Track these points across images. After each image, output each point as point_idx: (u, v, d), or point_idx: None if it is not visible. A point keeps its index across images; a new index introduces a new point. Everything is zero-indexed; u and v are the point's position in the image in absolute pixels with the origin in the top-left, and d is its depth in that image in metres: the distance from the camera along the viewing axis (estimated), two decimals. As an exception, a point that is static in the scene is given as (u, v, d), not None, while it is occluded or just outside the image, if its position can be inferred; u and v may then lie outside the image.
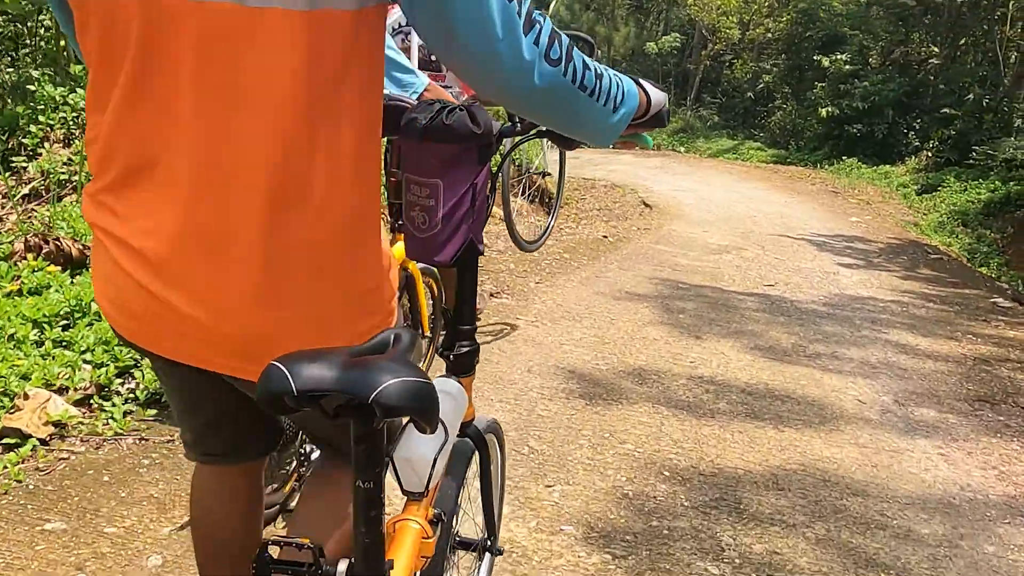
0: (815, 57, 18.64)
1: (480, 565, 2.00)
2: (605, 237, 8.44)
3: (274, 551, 1.09)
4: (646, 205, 11.44)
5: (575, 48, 1.20)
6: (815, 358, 4.90)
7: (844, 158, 17.07)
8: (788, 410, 4.04)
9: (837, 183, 15.32)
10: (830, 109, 17.25)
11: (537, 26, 1.12)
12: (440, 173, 1.45)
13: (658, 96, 1.47)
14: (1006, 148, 13.36)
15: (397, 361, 0.97)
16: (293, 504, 2.52)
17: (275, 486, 2.48)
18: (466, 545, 1.81)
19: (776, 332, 5.38)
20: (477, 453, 1.74)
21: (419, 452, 1.31)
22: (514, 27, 1.09)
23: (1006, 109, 15.46)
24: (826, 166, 17.02)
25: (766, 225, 10.56)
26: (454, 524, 1.64)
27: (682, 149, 18.49)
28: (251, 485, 1.53)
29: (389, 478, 1.13)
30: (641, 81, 1.46)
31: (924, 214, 13.87)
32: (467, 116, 1.42)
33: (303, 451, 2.55)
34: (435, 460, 1.31)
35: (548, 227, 4.82)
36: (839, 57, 17.84)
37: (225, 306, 1.13)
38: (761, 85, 20.39)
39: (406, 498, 1.37)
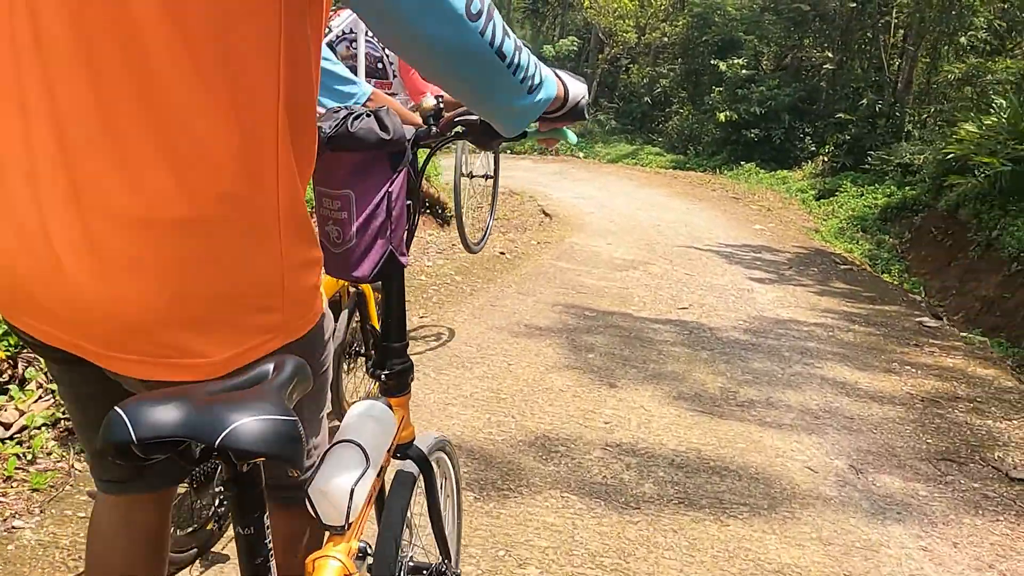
0: (711, 61, 18.19)
1: None
2: (503, 254, 7.51)
3: None
4: (546, 215, 10.59)
5: (495, 10, 1.07)
6: (749, 407, 4.06)
7: (742, 163, 16.65)
8: (729, 490, 3.16)
9: (737, 189, 14.85)
10: (728, 114, 16.79)
11: None
12: (350, 183, 1.38)
13: (577, 88, 1.34)
14: (902, 153, 13.07)
15: (261, 397, 0.87)
16: (213, 547, 2.28)
17: (193, 527, 2.21)
18: (419, 570, 1.64)
19: (700, 373, 4.54)
20: (422, 476, 1.59)
21: (335, 483, 1.23)
22: None
23: (898, 114, 15.29)
24: (725, 171, 16.57)
25: (671, 235, 9.85)
26: (399, 552, 1.49)
27: (581, 154, 17.74)
28: (158, 521, 1.35)
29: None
30: (559, 72, 1.32)
31: (824, 220, 13.49)
32: (375, 122, 1.35)
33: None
34: (353, 491, 1.22)
35: (488, 227, 4.28)
36: (736, 61, 17.43)
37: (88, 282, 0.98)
38: (659, 90, 19.87)
39: (328, 532, 1.26)
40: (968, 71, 12.30)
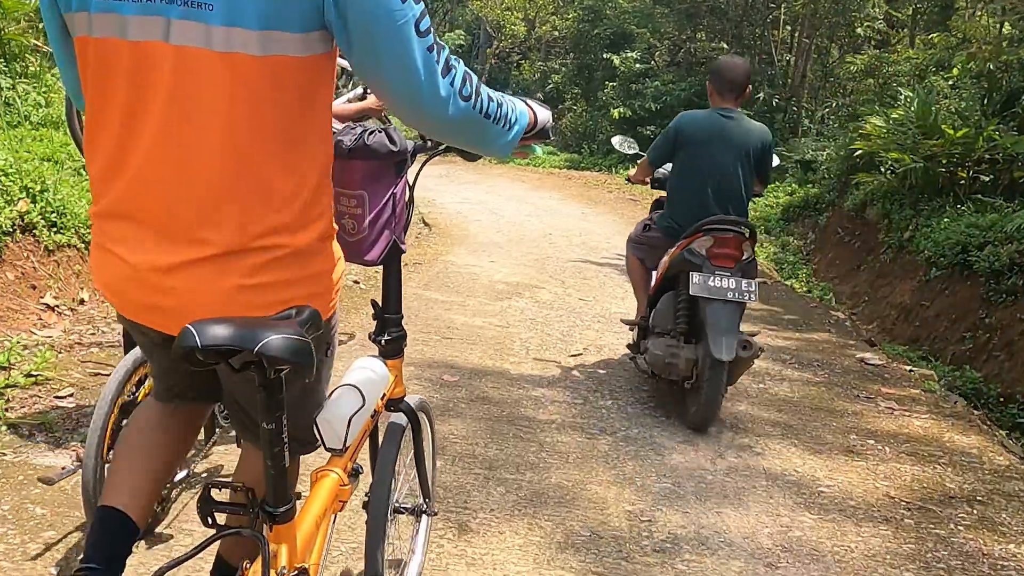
0: (604, 55, 16.83)
1: (418, 526, 2.13)
2: (356, 283, 5.84)
3: (215, 493, 1.26)
4: (426, 224, 8.97)
5: (482, 85, 1.39)
6: (672, 556, 2.54)
7: (638, 161, 15.36)
8: None
9: (635, 189, 13.50)
10: (622, 110, 15.44)
11: (453, 70, 1.31)
12: (364, 186, 1.66)
13: (543, 114, 1.60)
14: (804, 150, 11.95)
15: (287, 326, 1.13)
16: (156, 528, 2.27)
17: None
18: (404, 510, 1.94)
19: (599, 483, 3.00)
20: (410, 426, 1.85)
21: (337, 413, 1.50)
22: (433, 71, 1.28)
23: (795, 109, 14.24)
24: (622, 170, 15.22)
25: (564, 247, 8.36)
26: (392, 490, 1.75)
27: (471, 154, 16.14)
28: (185, 431, 1.64)
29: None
30: (529, 101, 1.58)
31: (725, 221, 12.28)
32: (385, 137, 1.66)
33: None
34: (351, 420, 1.49)
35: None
36: (629, 55, 16.10)
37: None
38: (551, 86, 18.42)
39: (329, 454, 1.54)
40: (870, 62, 11.23)
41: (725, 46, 15.22)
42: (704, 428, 3.48)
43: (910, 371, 5.04)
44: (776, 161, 4.08)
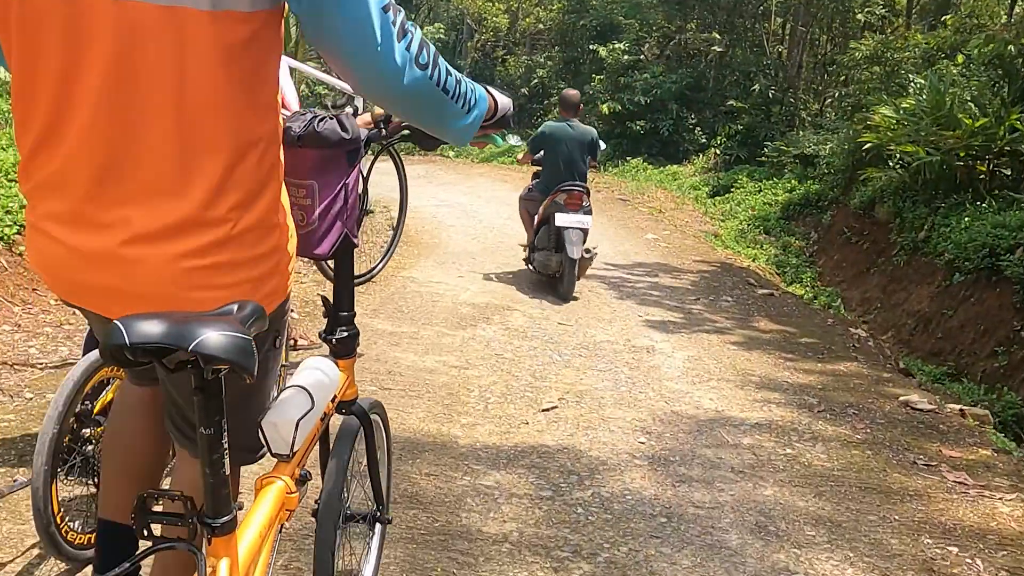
0: (591, 47, 15.67)
1: (372, 534, 1.99)
2: (291, 311, 4.72)
3: (152, 503, 1.13)
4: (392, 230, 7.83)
5: (439, 56, 1.28)
6: None
7: (628, 158, 14.27)
8: None
9: (624, 188, 12.43)
10: (611, 104, 14.31)
11: (409, 35, 1.21)
12: (314, 175, 1.56)
13: (504, 101, 1.50)
14: (804, 143, 10.83)
15: (227, 321, 1.02)
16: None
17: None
18: (357, 517, 1.79)
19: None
20: (362, 429, 1.74)
21: (284, 416, 1.37)
22: (389, 34, 1.18)
23: (792, 101, 13.13)
24: (610, 168, 14.15)
25: (546, 256, 7.26)
26: (344, 497, 1.64)
27: (452, 154, 14.96)
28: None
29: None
30: (490, 88, 1.48)
31: (722, 221, 11.21)
32: (337, 124, 1.55)
33: None
34: (298, 423, 1.36)
35: (389, 249, 3.67)
36: (617, 46, 14.93)
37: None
38: (536, 80, 17.26)
39: (275, 460, 1.41)
40: (876, 48, 10.10)
41: (717, 36, 14.10)
42: (567, 299, 5.65)
43: (960, 410, 3.96)
44: (603, 146, 6.37)
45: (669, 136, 14.30)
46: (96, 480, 1.93)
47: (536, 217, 6.10)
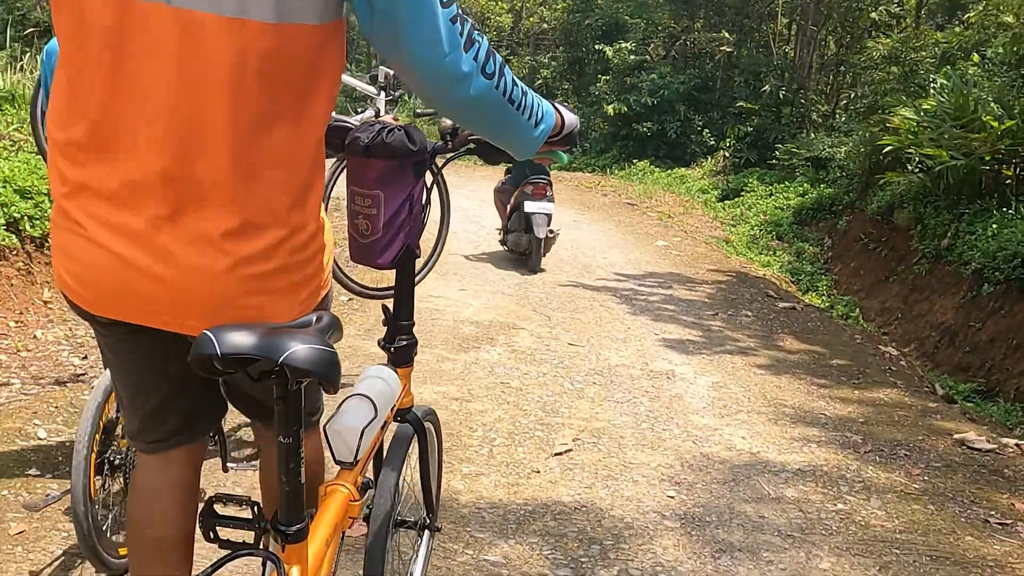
0: (596, 46, 15.21)
1: (420, 542, 1.97)
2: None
3: (219, 507, 1.16)
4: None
5: (507, 67, 1.28)
6: None
7: (635, 161, 13.82)
8: None
9: (631, 192, 11.98)
10: (616, 106, 13.86)
11: (476, 44, 1.20)
12: (381, 185, 1.54)
13: (571, 118, 1.49)
14: (819, 146, 10.36)
15: (310, 334, 1.06)
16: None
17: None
18: (407, 524, 1.79)
19: None
20: (416, 437, 1.72)
21: (349, 424, 1.38)
22: (456, 44, 1.17)
23: (803, 102, 12.66)
24: (616, 171, 13.72)
25: (553, 266, 6.84)
26: (396, 502, 1.62)
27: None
28: (192, 475, 1.46)
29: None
30: (557, 104, 1.47)
31: (733, 226, 10.76)
32: (404, 135, 1.53)
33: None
34: (363, 432, 1.38)
35: (432, 257, 3.57)
36: (623, 46, 14.47)
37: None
38: (540, 81, 16.82)
39: (339, 467, 1.43)
40: (895, 46, 9.62)
41: (727, 36, 13.62)
42: (534, 272, 6.54)
43: (1016, 445, 3.53)
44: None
45: (677, 138, 13.85)
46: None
47: (508, 205, 7.07)
